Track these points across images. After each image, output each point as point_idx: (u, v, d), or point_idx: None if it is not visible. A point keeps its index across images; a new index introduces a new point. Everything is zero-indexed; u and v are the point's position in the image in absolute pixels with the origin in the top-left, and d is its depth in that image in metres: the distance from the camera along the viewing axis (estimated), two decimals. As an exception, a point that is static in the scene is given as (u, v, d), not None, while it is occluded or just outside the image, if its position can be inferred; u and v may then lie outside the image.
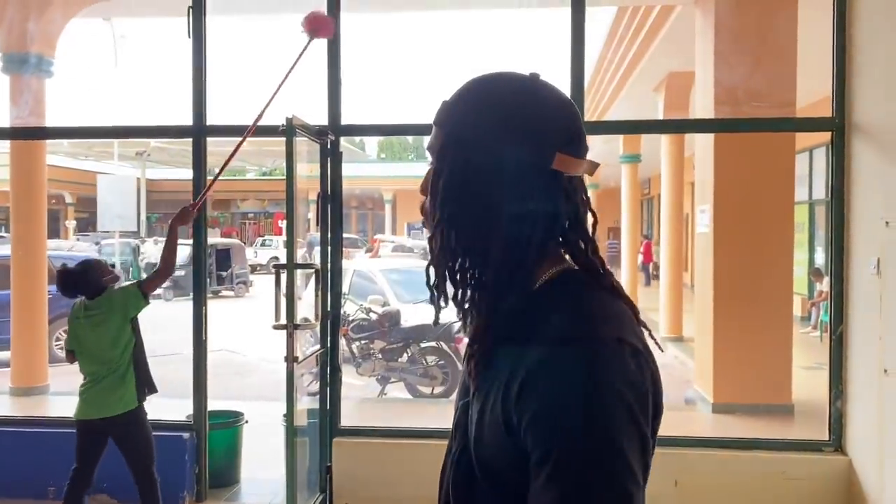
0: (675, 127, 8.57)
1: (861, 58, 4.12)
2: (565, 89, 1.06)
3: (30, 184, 6.92)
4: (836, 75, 4.24)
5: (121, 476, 3.74)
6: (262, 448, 5.34)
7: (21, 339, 6.92)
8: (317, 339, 4.71)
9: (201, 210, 3.83)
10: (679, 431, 4.61)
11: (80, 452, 3.74)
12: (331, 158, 4.45)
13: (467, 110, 0.96)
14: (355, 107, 12.52)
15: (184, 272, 16.81)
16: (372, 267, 10.70)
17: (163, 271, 3.82)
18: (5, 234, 15.36)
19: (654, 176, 19.69)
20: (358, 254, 21.06)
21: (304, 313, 6.05)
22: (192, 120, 4.58)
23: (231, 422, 5.00)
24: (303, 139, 4.14)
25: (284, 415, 4.03)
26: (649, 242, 20.59)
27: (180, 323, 5.37)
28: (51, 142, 14.42)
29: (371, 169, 36.42)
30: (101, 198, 15.62)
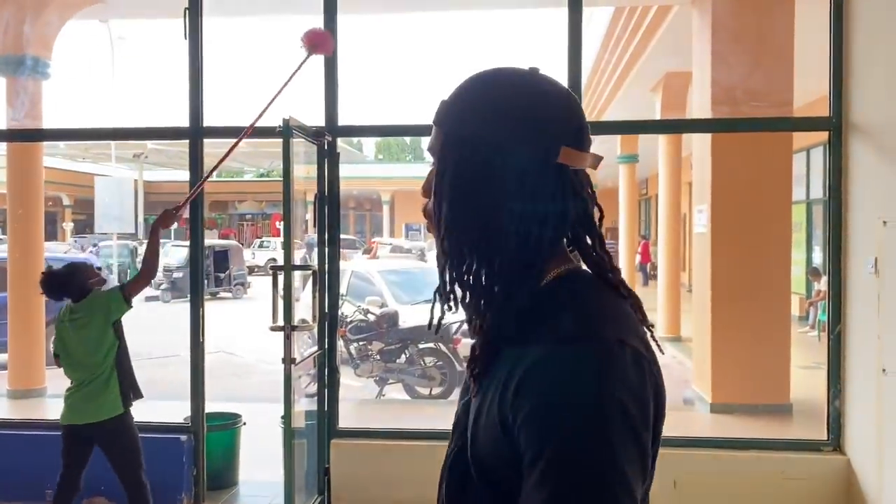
0: (673, 127, 8.58)
1: (858, 57, 4.12)
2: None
3: (27, 186, 6.90)
4: (834, 75, 4.25)
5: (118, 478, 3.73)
6: (260, 450, 5.33)
7: (18, 342, 6.90)
8: (315, 340, 4.70)
9: (183, 213, 3.77)
10: (677, 431, 4.61)
11: (65, 457, 3.70)
12: (328, 159, 4.45)
13: (468, 108, 0.94)
14: (352, 108, 12.52)
15: (181, 274, 16.84)
16: (370, 268, 10.69)
17: (145, 274, 3.75)
18: (3, 237, 15.35)
19: (652, 176, 19.70)
20: (356, 255, 21.04)
21: (301, 315, 6.05)
22: (188, 122, 4.58)
23: (229, 424, 4.99)
24: (300, 140, 4.14)
25: (282, 416, 4.03)
26: (647, 243, 20.60)
27: (178, 325, 5.36)
28: (48, 144, 14.39)
29: (369, 170, 36.40)
30: (98, 200, 15.59)
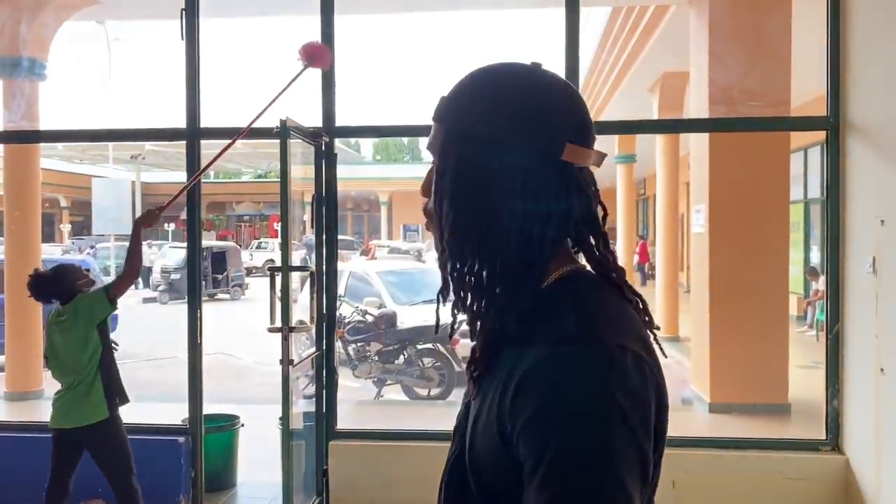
0: (670, 127, 8.59)
1: (856, 57, 4.12)
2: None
3: (23, 187, 6.89)
4: (831, 74, 4.25)
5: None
6: (258, 451, 5.33)
7: (15, 344, 6.88)
8: (313, 341, 4.69)
9: (164, 212, 3.73)
10: (676, 431, 4.56)
11: (54, 461, 3.67)
12: (325, 160, 4.44)
13: (469, 104, 0.91)
14: (350, 108, 12.50)
15: (179, 275, 16.82)
16: (368, 269, 10.68)
17: (129, 274, 3.71)
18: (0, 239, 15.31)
19: (650, 176, 19.71)
20: (353, 256, 21.03)
21: (299, 316, 6.04)
22: (185, 123, 4.57)
23: (227, 425, 4.99)
24: (297, 141, 4.13)
25: (280, 418, 4.02)
26: (645, 243, 20.60)
27: (176, 326, 5.35)
28: (45, 145, 14.36)
29: (366, 171, 36.38)
30: (95, 201, 15.60)
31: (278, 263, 3.94)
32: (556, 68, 0.96)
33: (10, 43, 6.62)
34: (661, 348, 0.92)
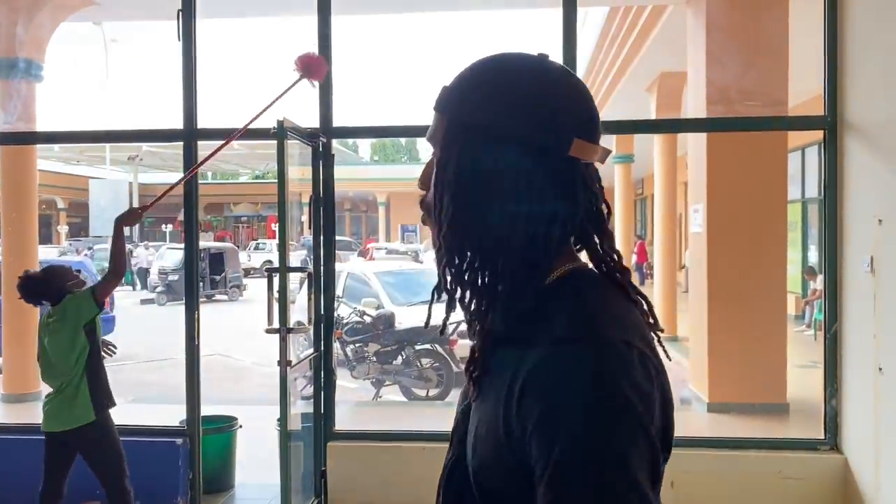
0: (668, 127, 8.58)
1: (853, 56, 4.12)
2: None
3: (20, 189, 6.87)
4: (828, 73, 4.25)
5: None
6: (256, 453, 5.32)
7: (13, 346, 6.87)
8: (311, 342, 4.69)
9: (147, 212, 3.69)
10: (675, 431, 4.60)
11: (46, 464, 3.64)
12: (323, 161, 4.43)
13: (474, 94, 0.87)
14: (348, 109, 12.50)
15: (177, 276, 16.81)
16: (366, 269, 10.67)
17: (114, 273, 3.65)
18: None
19: (648, 176, 19.72)
20: (351, 256, 21.02)
21: (297, 317, 6.03)
22: (182, 123, 4.56)
23: (225, 426, 4.97)
24: (294, 142, 4.13)
25: (278, 419, 4.01)
26: (643, 242, 20.62)
27: (174, 327, 5.34)
28: (42, 147, 14.35)
29: (364, 171, 36.38)
30: (93, 202, 15.62)
31: (276, 264, 3.94)
32: (555, 67, 0.93)
33: (7, 44, 6.61)
34: (665, 351, 0.90)
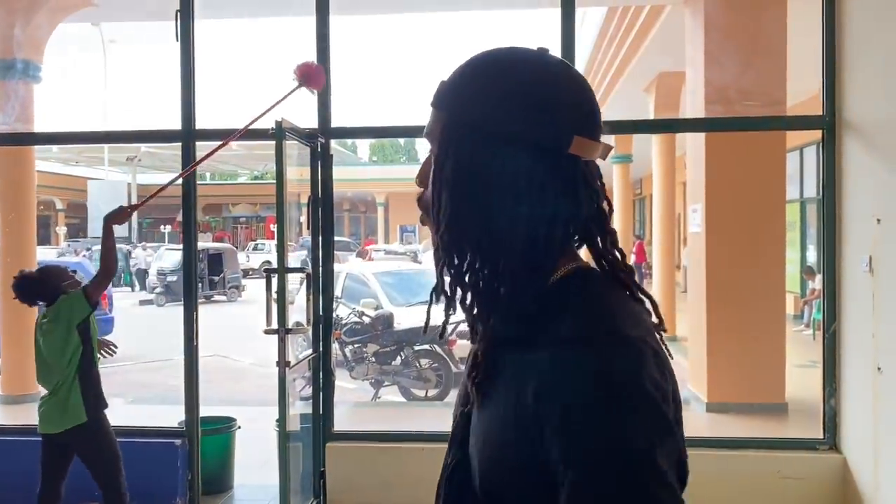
0: (666, 127, 8.58)
1: (851, 55, 4.12)
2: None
3: (18, 190, 6.87)
4: (826, 73, 4.25)
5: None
6: (255, 454, 5.31)
7: (11, 347, 6.86)
8: (309, 343, 4.69)
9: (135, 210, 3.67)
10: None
11: (43, 466, 3.62)
12: (321, 161, 4.43)
13: (471, 90, 0.85)
14: (346, 109, 12.51)
15: (175, 277, 16.80)
16: (364, 270, 10.66)
17: (104, 273, 3.62)
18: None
19: (646, 176, 19.74)
20: (350, 257, 21.01)
21: (296, 317, 6.02)
22: (180, 124, 4.55)
23: (224, 427, 4.97)
24: (293, 142, 4.12)
25: (277, 420, 4.01)
26: (641, 243, 20.62)
27: (172, 328, 5.34)
28: (40, 147, 14.34)
29: (363, 172, 36.39)
30: (91, 203, 15.61)
31: (275, 265, 3.93)
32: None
33: (4, 45, 6.60)
34: (669, 351, 0.89)
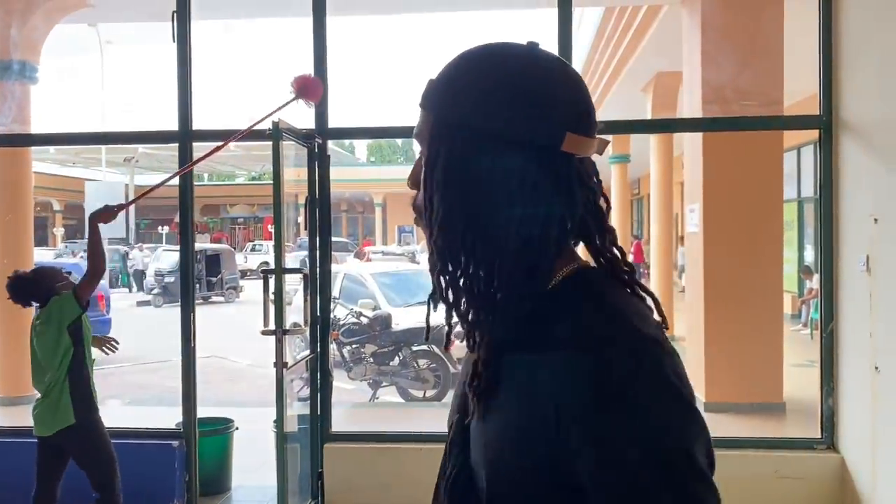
0: (664, 127, 8.58)
1: (848, 55, 4.13)
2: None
3: (15, 191, 6.85)
4: (823, 73, 4.25)
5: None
6: (253, 455, 5.30)
7: (8, 349, 6.84)
8: (307, 344, 4.68)
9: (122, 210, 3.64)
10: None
11: (38, 468, 3.61)
12: (318, 162, 4.43)
13: (459, 89, 0.83)
14: (343, 110, 12.49)
15: (173, 278, 16.78)
16: (362, 270, 10.66)
17: (93, 272, 3.58)
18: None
19: (644, 176, 19.75)
20: (348, 257, 21.00)
21: (294, 318, 6.01)
22: (177, 125, 4.55)
23: (221, 429, 4.96)
24: (290, 143, 4.12)
25: (275, 421, 4.00)
26: (639, 242, 20.63)
27: (170, 329, 5.33)
28: (37, 148, 14.31)
29: (361, 172, 36.37)
30: (88, 204, 15.56)
31: (273, 266, 3.93)
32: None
33: (1, 46, 6.58)
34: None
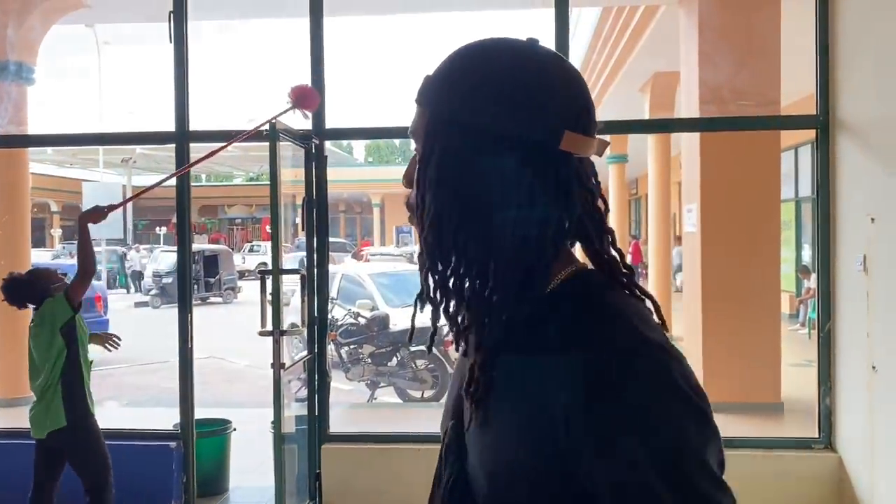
0: (661, 127, 8.58)
1: (844, 55, 4.13)
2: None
3: (12, 192, 6.85)
4: (820, 73, 4.25)
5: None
6: (250, 456, 5.30)
7: (5, 350, 6.83)
8: (305, 344, 4.68)
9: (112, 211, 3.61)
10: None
11: (35, 469, 3.60)
12: (315, 163, 4.42)
13: (456, 85, 0.81)
14: (341, 110, 12.50)
15: (171, 279, 16.77)
16: (360, 271, 10.66)
17: (83, 273, 3.56)
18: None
19: (642, 176, 19.75)
20: (346, 258, 21.00)
21: (292, 319, 6.01)
22: (174, 126, 4.54)
23: (219, 430, 4.95)
24: (287, 143, 4.12)
25: (272, 422, 4.00)
26: (637, 243, 20.64)
27: (168, 330, 5.33)
28: (35, 150, 14.29)
29: (359, 173, 36.36)
30: (86, 205, 15.53)
31: (270, 266, 3.92)
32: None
33: (-3, 47, 6.58)
34: None
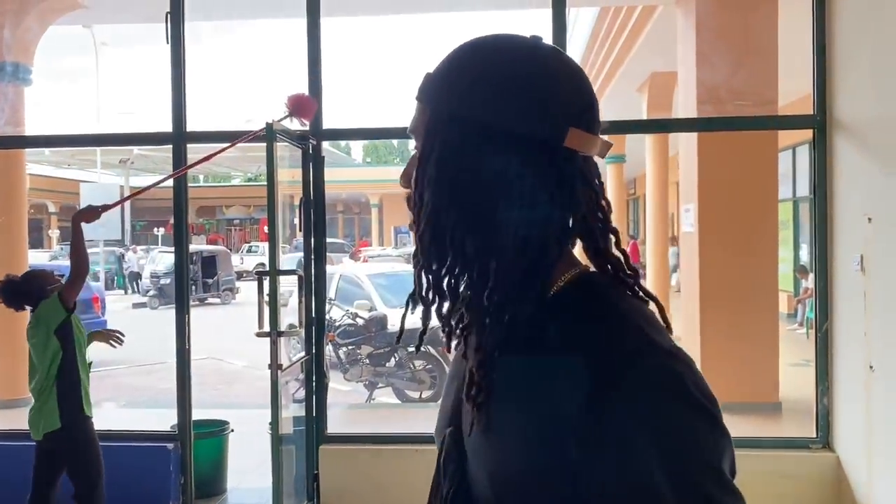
0: (659, 127, 8.58)
1: (842, 55, 4.13)
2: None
3: (9, 193, 6.83)
4: (817, 73, 4.26)
5: (108, 490, 3.68)
6: (248, 457, 5.29)
7: (3, 351, 6.82)
8: (303, 345, 4.67)
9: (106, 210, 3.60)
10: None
11: (34, 471, 3.59)
12: (313, 163, 4.42)
13: (457, 82, 0.80)
14: (339, 111, 12.51)
15: (169, 280, 16.76)
16: (358, 271, 10.66)
17: (75, 273, 3.54)
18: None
19: (640, 176, 19.76)
20: (344, 258, 21.00)
21: (289, 319, 6.00)
22: (171, 126, 4.53)
23: (217, 431, 4.94)
24: (284, 144, 4.11)
25: (270, 423, 3.99)
26: (635, 243, 20.65)
27: (166, 331, 5.33)
28: (32, 150, 14.28)
29: (357, 173, 36.34)
30: (84, 206, 15.52)
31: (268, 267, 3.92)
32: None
33: (-6, 48, 6.56)
34: None
